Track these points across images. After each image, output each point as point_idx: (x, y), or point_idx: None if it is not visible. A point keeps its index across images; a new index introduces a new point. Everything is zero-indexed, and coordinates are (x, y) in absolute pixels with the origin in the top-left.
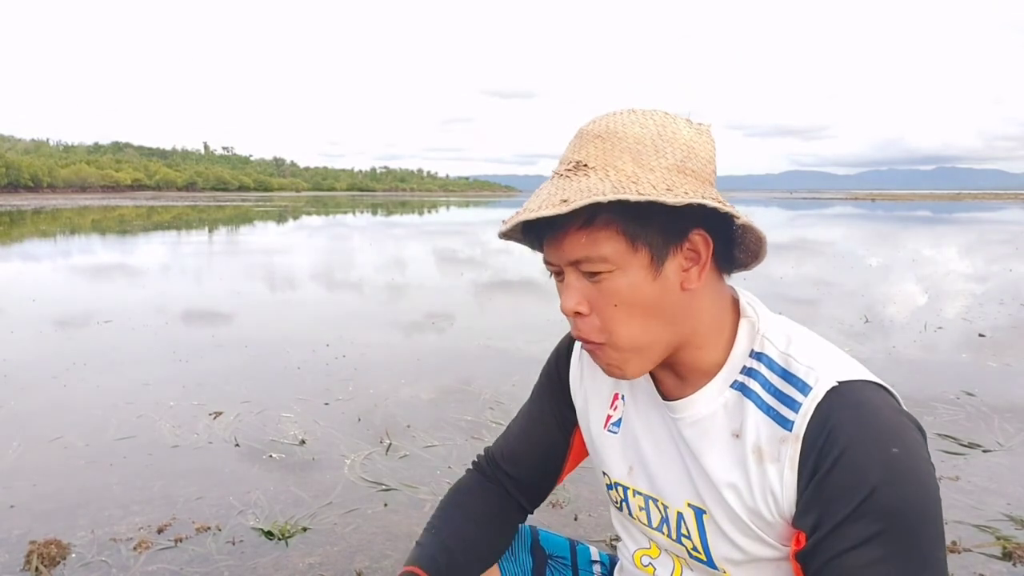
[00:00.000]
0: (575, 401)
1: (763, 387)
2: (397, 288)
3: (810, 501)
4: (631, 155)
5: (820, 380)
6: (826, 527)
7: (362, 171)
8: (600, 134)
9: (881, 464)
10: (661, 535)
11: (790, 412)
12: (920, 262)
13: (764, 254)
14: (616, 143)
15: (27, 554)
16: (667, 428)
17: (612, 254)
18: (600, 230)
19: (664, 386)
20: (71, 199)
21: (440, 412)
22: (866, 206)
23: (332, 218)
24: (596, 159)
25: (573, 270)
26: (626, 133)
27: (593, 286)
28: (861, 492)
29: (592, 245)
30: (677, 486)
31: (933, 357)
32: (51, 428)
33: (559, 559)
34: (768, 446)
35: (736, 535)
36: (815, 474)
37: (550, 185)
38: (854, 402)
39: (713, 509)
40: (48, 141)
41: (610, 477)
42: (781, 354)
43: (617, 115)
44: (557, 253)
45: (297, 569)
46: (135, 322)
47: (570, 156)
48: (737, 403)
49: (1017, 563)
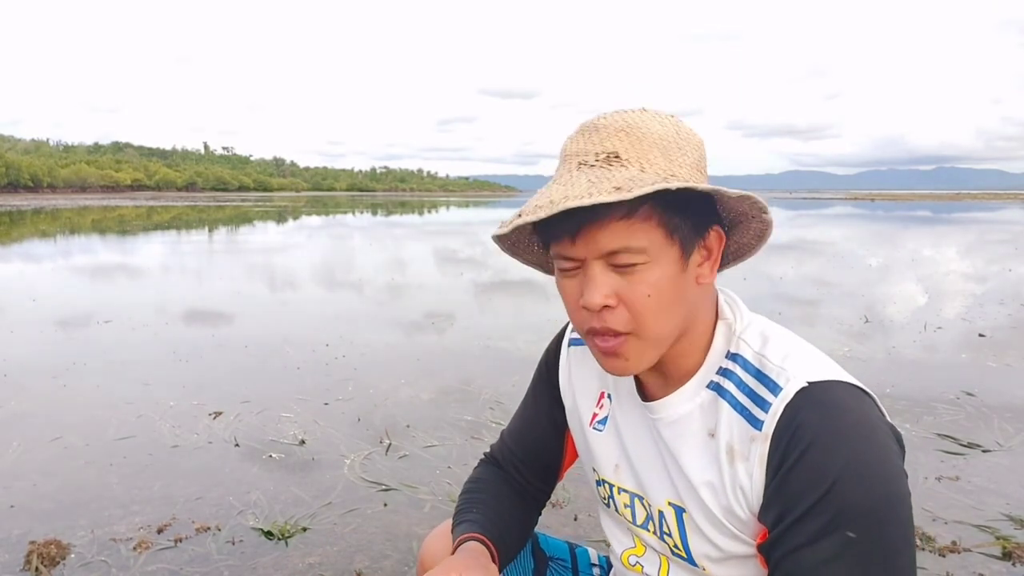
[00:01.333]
0: (564, 400)
1: (737, 387)
2: (397, 288)
3: (772, 496)
4: (660, 151)
5: (791, 380)
6: (786, 521)
7: (362, 171)
8: (623, 128)
9: (843, 461)
10: (647, 532)
11: (761, 412)
12: (920, 262)
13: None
14: (642, 138)
15: (27, 554)
16: (648, 428)
17: (650, 245)
18: (642, 221)
19: (646, 386)
20: (71, 199)
21: (440, 412)
22: (866, 206)
23: (332, 218)
24: (628, 152)
25: (600, 263)
26: (649, 130)
27: (622, 278)
28: (821, 488)
29: (633, 235)
30: (658, 485)
31: (933, 357)
32: (51, 428)
33: (559, 561)
34: (739, 445)
35: (713, 533)
36: (780, 469)
37: (579, 176)
38: (822, 401)
39: (691, 508)
40: (48, 141)
41: (598, 474)
42: (755, 355)
43: (630, 112)
44: (589, 245)
45: (297, 569)
46: (135, 322)
47: (593, 148)
48: (712, 403)
49: (1017, 563)
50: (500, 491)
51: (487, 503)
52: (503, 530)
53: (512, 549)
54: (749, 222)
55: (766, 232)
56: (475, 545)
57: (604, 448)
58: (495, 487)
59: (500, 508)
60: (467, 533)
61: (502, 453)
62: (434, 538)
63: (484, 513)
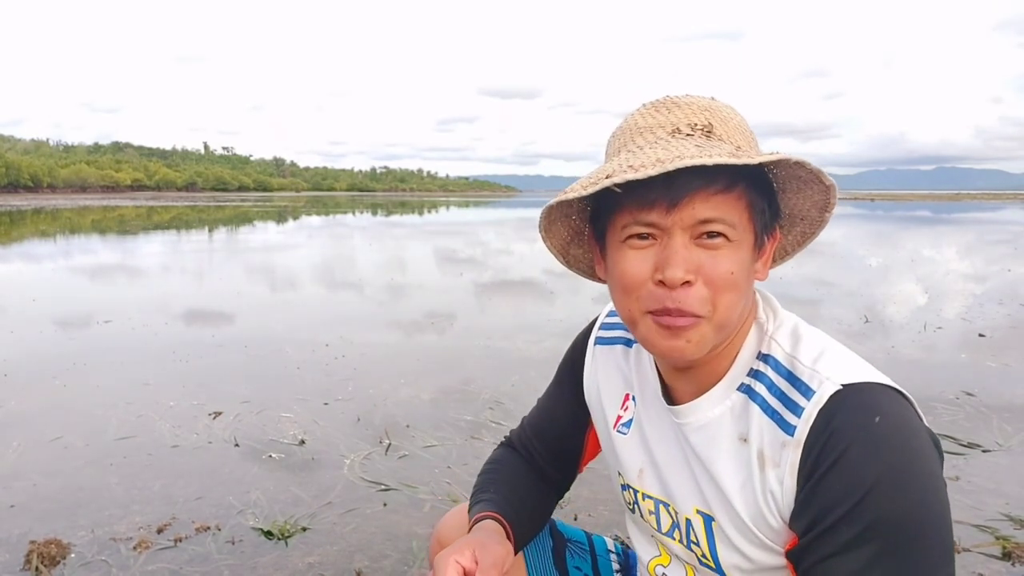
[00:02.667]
0: (588, 399)
1: (768, 390)
2: (397, 288)
3: (804, 503)
4: (742, 137)
5: (824, 384)
6: (817, 529)
7: (362, 171)
8: (707, 108)
9: (879, 469)
10: (673, 541)
11: (793, 417)
12: (920, 262)
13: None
14: (726, 120)
15: (27, 554)
16: (674, 433)
17: (740, 224)
18: (738, 199)
19: (673, 389)
20: (71, 199)
21: (440, 412)
22: (866, 206)
23: (332, 218)
24: (719, 129)
25: (685, 236)
26: (728, 115)
27: (706, 253)
28: (855, 496)
29: (729, 209)
30: (686, 492)
31: (933, 357)
32: (51, 428)
33: (577, 544)
34: (770, 451)
35: (743, 543)
36: (811, 477)
37: (681, 143)
38: (858, 405)
39: (720, 516)
40: (48, 141)
41: (623, 478)
42: (787, 356)
43: (700, 97)
44: (684, 212)
45: (297, 569)
46: (135, 322)
47: (684, 119)
48: (743, 407)
49: (1016, 563)
50: (517, 472)
51: (504, 483)
52: (519, 510)
53: (528, 530)
54: (796, 224)
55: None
56: (491, 523)
57: (628, 452)
58: (512, 468)
59: (517, 488)
60: (483, 512)
61: (520, 439)
62: (451, 516)
63: (500, 492)
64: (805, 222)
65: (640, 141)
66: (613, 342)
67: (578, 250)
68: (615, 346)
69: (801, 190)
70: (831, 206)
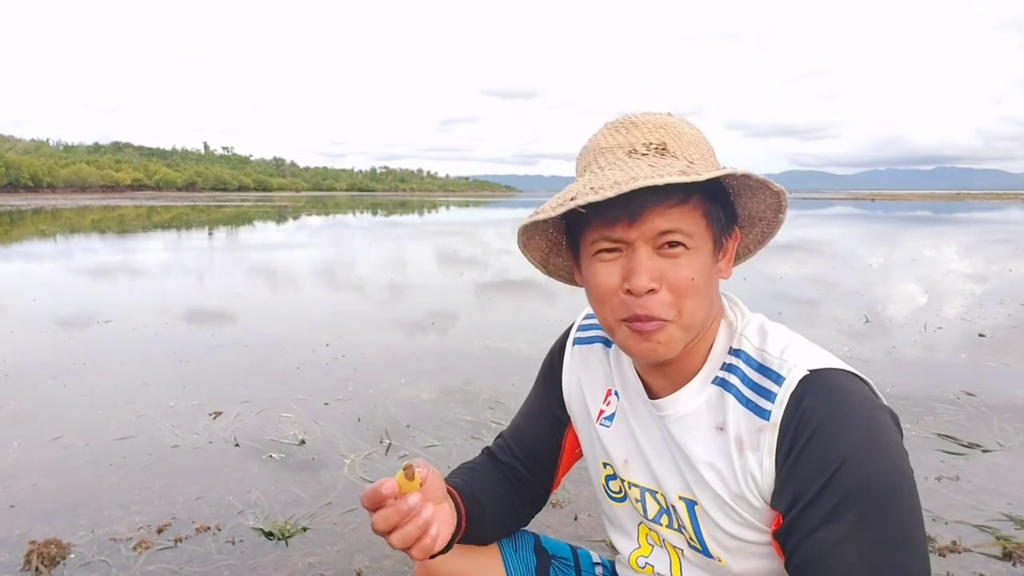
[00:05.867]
0: (567, 400)
1: (741, 381)
2: (397, 288)
3: (784, 481)
4: (696, 150)
5: (793, 370)
6: (799, 505)
7: (362, 171)
8: (662, 126)
9: (849, 442)
10: (661, 527)
11: (767, 403)
12: (920, 262)
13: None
14: (679, 136)
15: (27, 554)
16: (656, 424)
17: (696, 232)
18: (693, 209)
19: (651, 386)
20: (71, 199)
21: (440, 412)
22: (866, 206)
23: (332, 218)
24: (673, 146)
25: (648, 247)
26: (682, 131)
27: (667, 262)
28: (830, 468)
29: (685, 219)
30: (669, 480)
31: (933, 357)
32: (51, 428)
33: (562, 560)
34: (748, 436)
35: (726, 522)
36: (789, 455)
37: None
38: (825, 387)
39: (702, 499)
40: (48, 141)
41: (609, 468)
42: (756, 350)
43: (656, 114)
44: (644, 226)
45: (297, 569)
46: (135, 322)
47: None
48: (719, 398)
49: (1017, 563)
50: (487, 470)
51: (470, 474)
52: (480, 496)
53: (488, 521)
54: (755, 225)
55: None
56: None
57: (613, 443)
58: (483, 467)
59: (482, 480)
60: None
61: (499, 445)
62: None
63: (462, 478)
64: (763, 223)
65: (601, 161)
66: (592, 341)
67: (558, 259)
68: (594, 344)
69: (754, 195)
70: (783, 208)
